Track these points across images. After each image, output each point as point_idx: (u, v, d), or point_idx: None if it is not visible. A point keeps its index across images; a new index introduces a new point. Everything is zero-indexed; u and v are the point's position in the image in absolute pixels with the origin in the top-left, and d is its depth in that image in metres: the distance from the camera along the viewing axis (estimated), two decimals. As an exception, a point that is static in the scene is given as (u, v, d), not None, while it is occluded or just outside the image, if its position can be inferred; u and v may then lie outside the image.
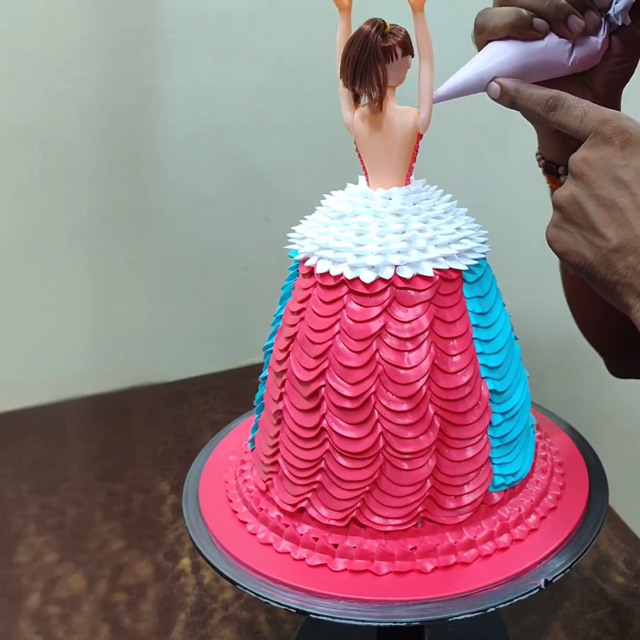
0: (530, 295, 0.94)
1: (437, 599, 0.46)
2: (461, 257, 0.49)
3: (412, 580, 0.48)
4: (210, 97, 1.01)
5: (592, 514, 0.52)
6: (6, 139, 0.97)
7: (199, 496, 0.57)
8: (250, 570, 0.49)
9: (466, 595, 0.46)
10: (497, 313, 0.51)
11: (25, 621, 0.72)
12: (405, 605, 0.46)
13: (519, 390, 0.52)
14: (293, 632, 0.68)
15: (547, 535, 0.50)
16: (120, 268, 1.07)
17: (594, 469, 0.57)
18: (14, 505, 0.87)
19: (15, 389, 1.06)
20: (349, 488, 0.49)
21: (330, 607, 0.46)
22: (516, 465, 0.51)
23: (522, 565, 0.48)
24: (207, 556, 0.51)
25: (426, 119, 0.48)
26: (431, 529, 0.49)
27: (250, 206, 1.07)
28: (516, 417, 0.52)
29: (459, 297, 0.49)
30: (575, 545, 0.50)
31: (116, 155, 1.01)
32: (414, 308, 0.48)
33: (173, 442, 0.97)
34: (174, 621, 0.70)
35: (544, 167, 0.60)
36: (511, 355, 0.52)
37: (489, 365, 0.49)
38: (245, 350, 0.94)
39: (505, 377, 0.51)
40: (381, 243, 0.48)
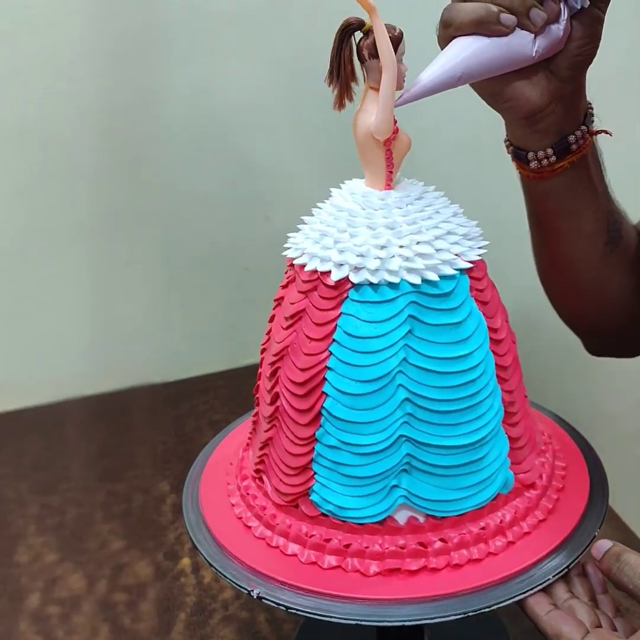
0: (530, 295, 0.94)
1: (437, 599, 0.46)
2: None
3: (412, 580, 0.48)
4: (210, 97, 1.01)
5: (592, 514, 0.52)
6: (6, 139, 0.97)
7: (199, 496, 0.57)
8: (250, 570, 0.49)
9: (466, 595, 0.46)
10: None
11: (25, 621, 0.72)
12: (405, 605, 0.46)
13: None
14: (293, 632, 0.68)
15: (547, 535, 0.50)
16: (120, 268, 1.07)
17: (594, 469, 0.56)
18: (14, 505, 0.87)
19: (15, 389, 1.06)
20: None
21: (331, 607, 0.46)
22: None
23: (521, 564, 0.48)
24: (207, 556, 0.51)
25: (378, 124, 0.47)
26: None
27: (250, 206, 1.07)
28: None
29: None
30: (575, 546, 0.49)
31: (116, 155, 1.01)
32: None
33: (173, 442, 0.97)
34: (174, 621, 0.70)
35: (513, 153, 0.60)
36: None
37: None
38: (245, 350, 0.94)
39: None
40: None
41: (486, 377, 0.49)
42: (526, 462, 0.53)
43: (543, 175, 0.59)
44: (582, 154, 0.58)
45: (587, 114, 0.58)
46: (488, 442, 0.50)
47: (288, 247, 0.53)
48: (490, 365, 0.50)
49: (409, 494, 0.48)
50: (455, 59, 0.48)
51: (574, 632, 0.44)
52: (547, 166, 0.58)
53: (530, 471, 0.53)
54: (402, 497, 0.48)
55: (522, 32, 0.49)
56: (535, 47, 0.50)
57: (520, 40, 0.49)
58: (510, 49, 0.49)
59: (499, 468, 0.50)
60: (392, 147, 0.49)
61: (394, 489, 0.49)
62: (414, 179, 0.53)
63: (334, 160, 0.76)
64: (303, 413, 0.50)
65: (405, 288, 0.47)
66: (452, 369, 0.48)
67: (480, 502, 0.50)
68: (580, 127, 0.57)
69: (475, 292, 0.50)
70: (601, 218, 0.63)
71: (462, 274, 0.49)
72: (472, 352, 0.49)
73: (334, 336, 0.48)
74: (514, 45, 0.49)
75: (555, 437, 0.60)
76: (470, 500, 0.49)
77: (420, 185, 0.52)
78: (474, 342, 0.49)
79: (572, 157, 0.57)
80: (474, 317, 0.49)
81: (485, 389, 0.49)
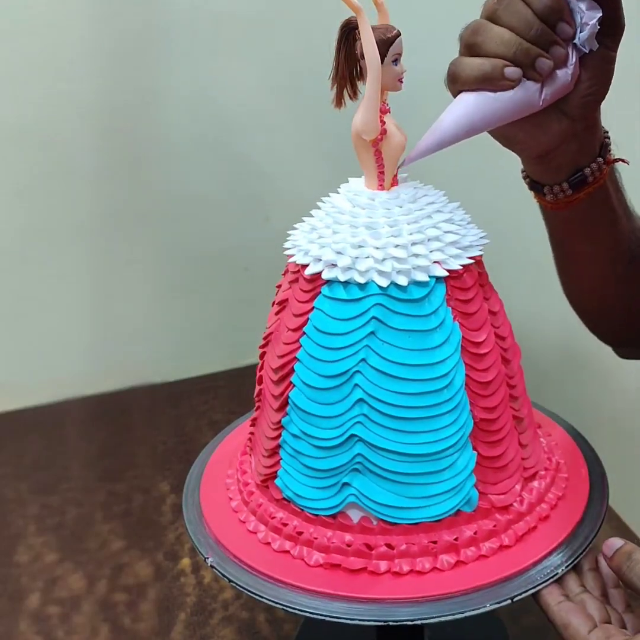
0: (530, 295, 0.94)
1: (437, 599, 0.46)
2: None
3: (411, 580, 0.48)
4: (210, 97, 1.01)
5: (592, 514, 0.52)
6: (6, 139, 0.97)
7: (199, 496, 0.57)
8: (250, 569, 0.49)
9: (465, 595, 0.46)
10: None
11: (25, 621, 0.72)
12: (404, 605, 0.46)
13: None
14: (293, 632, 0.68)
15: (547, 535, 0.50)
16: (120, 268, 1.07)
17: (594, 469, 0.56)
18: (14, 505, 0.87)
19: (15, 389, 1.06)
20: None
21: (330, 607, 0.46)
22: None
23: (521, 564, 0.48)
24: (206, 556, 0.51)
25: (362, 124, 0.47)
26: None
27: (250, 206, 1.07)
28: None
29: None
30: (575, 545, 0.49)
31: (116, 155, 1.01)
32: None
33: (173, 442, 0.97)
34: (174, 621, 0.70)
35: (530, 185, 0.60)
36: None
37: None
38: (245, 350, 0.94)
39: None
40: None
41: (451, 390, 0.48)
42: (503, 484, 0.50)
43: (559, 207, 0.58)
44: (599, 184, 0.57)
45: (604, 144, 0.57)
46: (448, 456, 0.48)
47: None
48: (459, 379, 0.48)
49: (359, 494, 0.49)
50: (459, 117, 0.47)
51: (581, 625, 0.45)
52: (564, 198, 0.57)
53: (506, 494, 0.50)
54: (352, 496, 0.49)
55: (529, 82, 0.48)
56: (543, 96, 0.48)
57: (526, 91, 0.48)
58: (516, 101, 0.48)
59: (460, 484, 0.48)
60: (380, 148, 0.49)
61: (345, 486, 0.49)
62: (417, 180, 0.52)
63: (333, 160, 0.76)
64: (275, 399, 0.52)
65: (373, 289, 0.47)
66: (411, 376, 0.47)
67: (435, 514, 0.48)
68: (597, 159, 0.56)
69: (455, 302, 0.49)
70: (623, 239, 0.62)
71: (440, 282, 0.48)
72: (437, 362, 0.48)
73: (305, 328, 0.50)
74: (520, 96, 0.47)
75: (555, 437, 0.60)
76: (424, 511, 0.48)
77: (421, 187, 0.51)
78: (442, 352, 0.48)
79: (589, 189, 0.56)
80: (445, 328, 0.48)
81: (449, 402, 0.48)
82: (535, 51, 0.47)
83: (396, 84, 0.48)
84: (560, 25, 0.47)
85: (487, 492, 0.50)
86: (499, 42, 0.46)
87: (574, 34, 0.48)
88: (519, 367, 0.53)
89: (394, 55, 0.47)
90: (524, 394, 0.54)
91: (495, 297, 0.52)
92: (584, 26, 0.48)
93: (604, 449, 0.60)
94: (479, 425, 0.49)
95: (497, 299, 0.52)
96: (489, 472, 0.50)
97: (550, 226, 0.64)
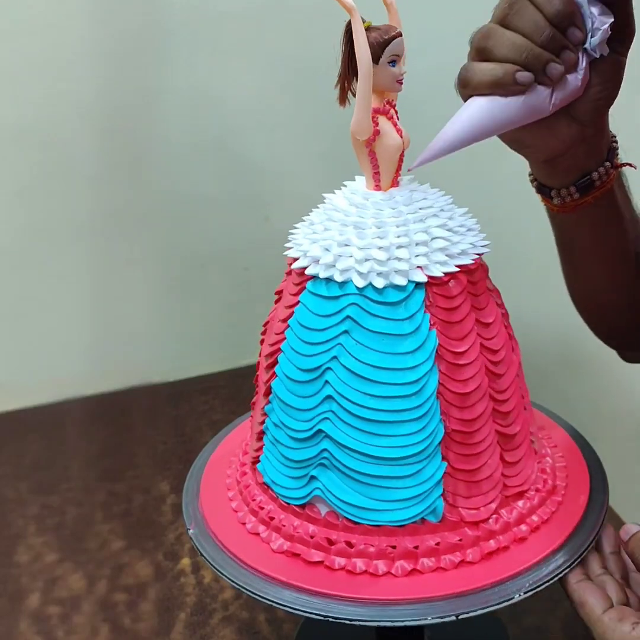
0: (530, 295, 0.94)
1: (437, 599, 0.46)
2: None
3: (411, 580, 0.48)
4: (210, 97, 1.01)
5: (592, 514, 0.52)
6: (6, 139, 0.97)
7: (199, 496, 0.57)
8: (250, 569, 0.49)
9: (465, 595, 0.46)
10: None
11: (25, 621, 0.72)
12: (404, 605, 0.46)
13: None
14: (293, 632, 0.68)
15: (547, 535, 0.50)
16: (120, 268, 1.07)
17: (594, 469, 0.56)
18: (14, 505, 0.87)
19: (15, 389, 1.06)
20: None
21: (330, 607, 0.46)
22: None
23: (521, 565, 0.48)
24: (206, 556, 0.51)
25: (353, 124, 0.47)
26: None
27: (250, 206, 1.07)
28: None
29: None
30: (575, 546, 0.49)
31: (116, 155, 1.01)
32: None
33: (173, 442, 0.97)
34: (174, 621, 0.70)
35: (537, 188, 0.60)
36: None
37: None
38: (245, 350, 0.94)
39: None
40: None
41: (421, 397, 0.47)
42: (477, 499, 0.49)
43: (566, 210, 0.58)
44: (607, 188, 0.57)
45: (611, 148, 0.57)
46: (413, 463, 0.47)
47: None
48: (431, 387, 0.47)
49: (324, 489, 0.49)
50: (470, 122, 0.47)
51: (598, 604, 0.46)
52: (571, 202, 0.57)
53: (478, 510, 0.49)
54: (318, 490, 0.49)
55: (539, 87, 0.47)
56: (553, 101, 0.48)
57: (537, 96, 0.48)
58: (527, 105, 0.47)
59: (424, 493, 0.48)
60: (373, 148, 0.48)
61: (313, 479, 0.50)
62: (427, 182, 0.52)
63: (334, 160, 0.76)
64: (264, 385, 0.53)
65: (351, 289, 0.48)
66: (381, 379, 0.47)
67: (397, 519, 0.48)
68: (604, 163, 0.56)
69: (436, 309, 0.48)
70: (630, 243, 0.62)
71: (419, 288, 0.47)
72: (408, 368, 0.47)
73: (289, 321, 0.51)
74: (531, 101, 0.47)
75: (555, 437, 0.60)
76: (386, 514, 0.48)
77: (423, 190, 0.51)
78: (414, 358, 0.47)
79: (596, 193, 0.57)
80: (420, 334, 0.47)
81: (418, 409, 0.47)
82: (546, 56, 0.46)
83: (394, 85, 0.48)
84: (571, 30, 0.47)
85: (457, 505, 0.49)
86: (510, 47, 0.46)
87: (585, 38, 0.48)
88: (514, 383, 0.51)
89: (390, 56, 0.47)
90: (518, 410, 0.51)
91: (492, 307, 0.51)
92: (595, 31, 0.48)
93: (604, 449, 0.60)
94: (452, 436, 0.48)
95: (493, 309, 0.51)
96: (461, 485, 0.49)
97: (557, 229, 0.64)
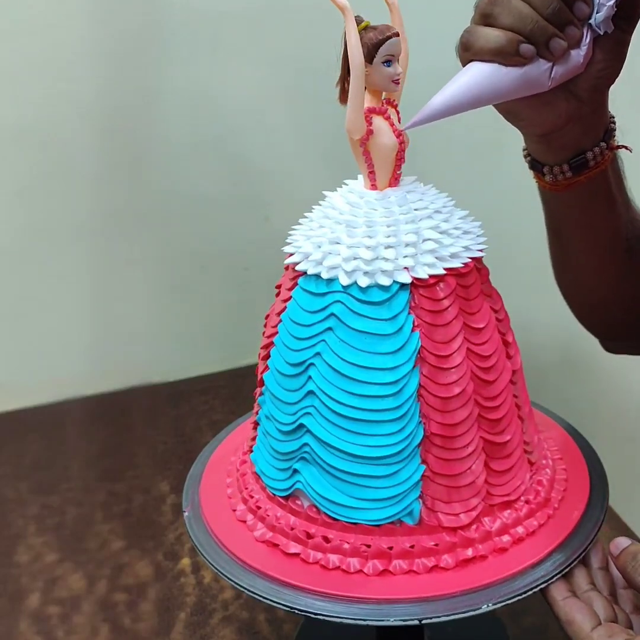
0: (530, 295, 0.94)
1: (403, 601, 0.46)
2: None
3: (382, 580, 0.48)
4: (210, 97, 1.01)
5: (592, 514, 0.52)
6: (6, 139, 0.97)
7: (199, 496, 0.57)
8: (250, 569, 0.49)
9: (433, 600, 0.46)
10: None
11: (25, 621, 0.72)
12: (372, 604, 0.46)
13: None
14: (293, 632, 0.68)
15: (547, 535, 0.50)
16: (120, 268, 1.07)
17: (594, 469, 0.56)
18: (14, 505, 0.87)
19: (15, 389, 1.06)
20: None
21: (299, 599, 0.46)
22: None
23: (520, 565, 0.48)
24: (206, 556, 0.51)
25: (347, 123, 0.47)
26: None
27: (250, 206, 1.07)
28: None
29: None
30: (575, 546, 0.49)
31: (116, 155, 1.01)
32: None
33: (173, 442, 0.97)
34: (174, 621, 0.70)
35: (530, 163, 0.59)
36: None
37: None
38: (245, 350, 0.94)
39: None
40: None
41: (399, 398, 0.47)
42: (457, 505, 0.49)
43: (559, 188, 0.58)
44: (600, 169, 0.56)
45: (608, 129, 0.56)
46: (390, 463, 0.47)
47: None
48: (410, 389, 0.47)
49: (305, 483, 0.50)
50: (468, 86, 0.46)
51: (586, 622, 0.45)
52: (563, 180, 0.57)
53: (458, 515, 0.49)
54: (299, 483, 0.50)
55: (540, 60, 0.47)
56: (552, 75, 0.48)
57: (537, 69, 0.47)
58: (525, 77, 0.47)
59: (401, 494, 0.48)
60: (367, 147, 0.48)
61: (295, 473, 0.50)
62: (431, 183, 0.52)
63: (334, 160, 0.76)
64: (259, 376, 0.55)
65: (336, 287, 0.48)
66: (360, 378, 0.47)
67: (373, 519, 0.48)
68: (600, 143, 0.56)
69: (421, 311, 0.47)
70: (620, 227, 0.62)
71: (404, 289, 0.47)
72: (387, 368, 0.47)
73: (282, 315, 0.51)
74: (530, 74, 0.47)
75: (555, 437, 0.60)
76: (362, 513, 0.48)
77: (421, 191, 0.51)
78: (394, 359, 0.47)
79: (589, 173, 0.56)
80: (401, 335, 0.47)
81: (396, 410, 0.47)
82: (550, 30, 0.46)
83: (390, 85, 0.48)
84: (578, 5, 0.47)
85: (436, 509, 0.48)
86: (516, 16, 0.46)
87: (590, 13, 0.48)
88: (505, 391, 0.50)
89: (385, 56, 0.46)
90: (509, 418, 0.50)
91: (485, 312, 0.50)
92: (600, 7, 0.47)
93: (604, 449, 0.60)
94: (432, 439, 0.48)
95: (486, 314, 0.50)
96: (441, 490, 0.48)
97: (548, 212, 0.63)
